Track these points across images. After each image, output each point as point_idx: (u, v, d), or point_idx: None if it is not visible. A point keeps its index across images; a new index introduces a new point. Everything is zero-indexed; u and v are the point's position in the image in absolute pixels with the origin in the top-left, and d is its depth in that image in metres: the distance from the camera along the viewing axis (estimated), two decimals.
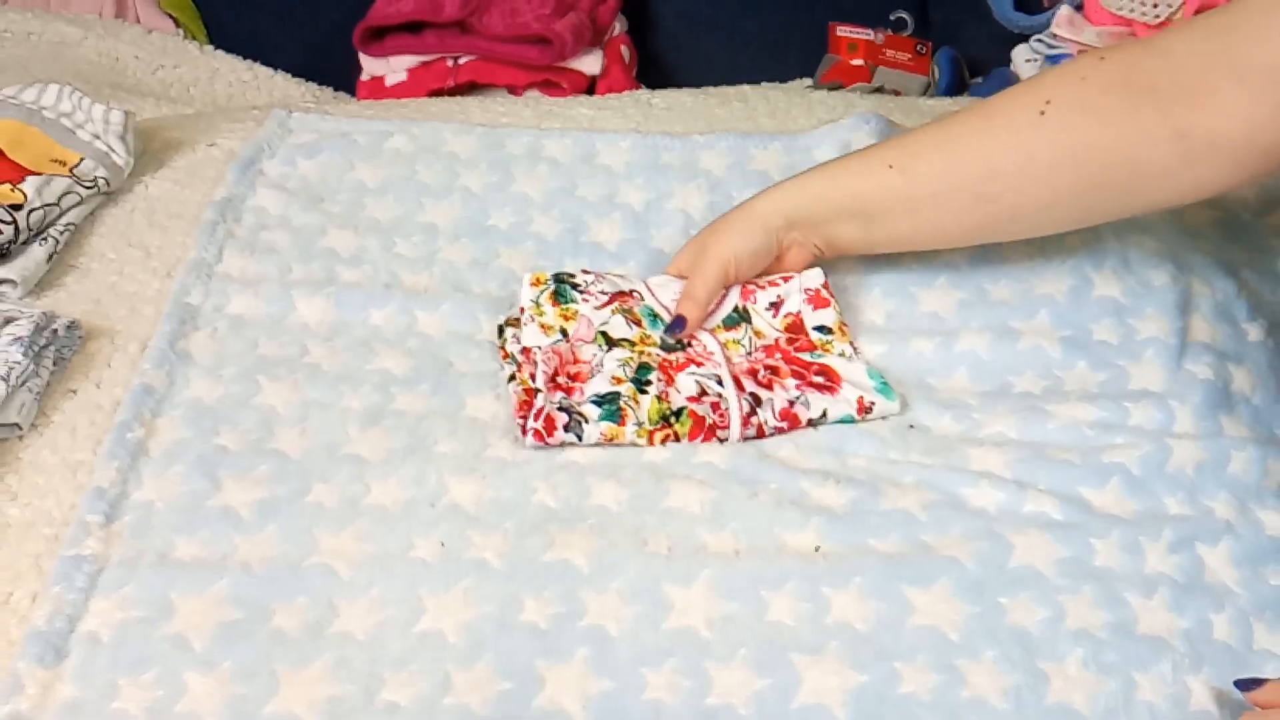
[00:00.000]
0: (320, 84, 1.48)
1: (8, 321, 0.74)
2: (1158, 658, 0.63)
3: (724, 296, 0.81)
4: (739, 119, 1.01)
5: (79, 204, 0.87)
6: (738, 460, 0.72)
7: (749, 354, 0.78)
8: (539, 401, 0.73)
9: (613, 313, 0.78)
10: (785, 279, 0.81)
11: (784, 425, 0.74)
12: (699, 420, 0.73)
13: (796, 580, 0.65)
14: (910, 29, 1.49)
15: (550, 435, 0.72)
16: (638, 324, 0.78)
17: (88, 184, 0.88)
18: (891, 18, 1.50)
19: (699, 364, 0.76)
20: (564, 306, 0.78)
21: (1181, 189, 0.70)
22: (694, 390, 0.74)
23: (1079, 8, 1.33)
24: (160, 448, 0.72)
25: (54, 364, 0.75)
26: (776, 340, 0.79)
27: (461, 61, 1.39)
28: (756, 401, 0.74)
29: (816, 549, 0.67)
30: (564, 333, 0.77)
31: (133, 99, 1.17)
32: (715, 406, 0.74)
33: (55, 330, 0.76)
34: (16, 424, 0.71)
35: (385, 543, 0.67)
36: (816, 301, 0.80)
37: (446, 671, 0.62)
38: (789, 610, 0.64)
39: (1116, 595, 0.66)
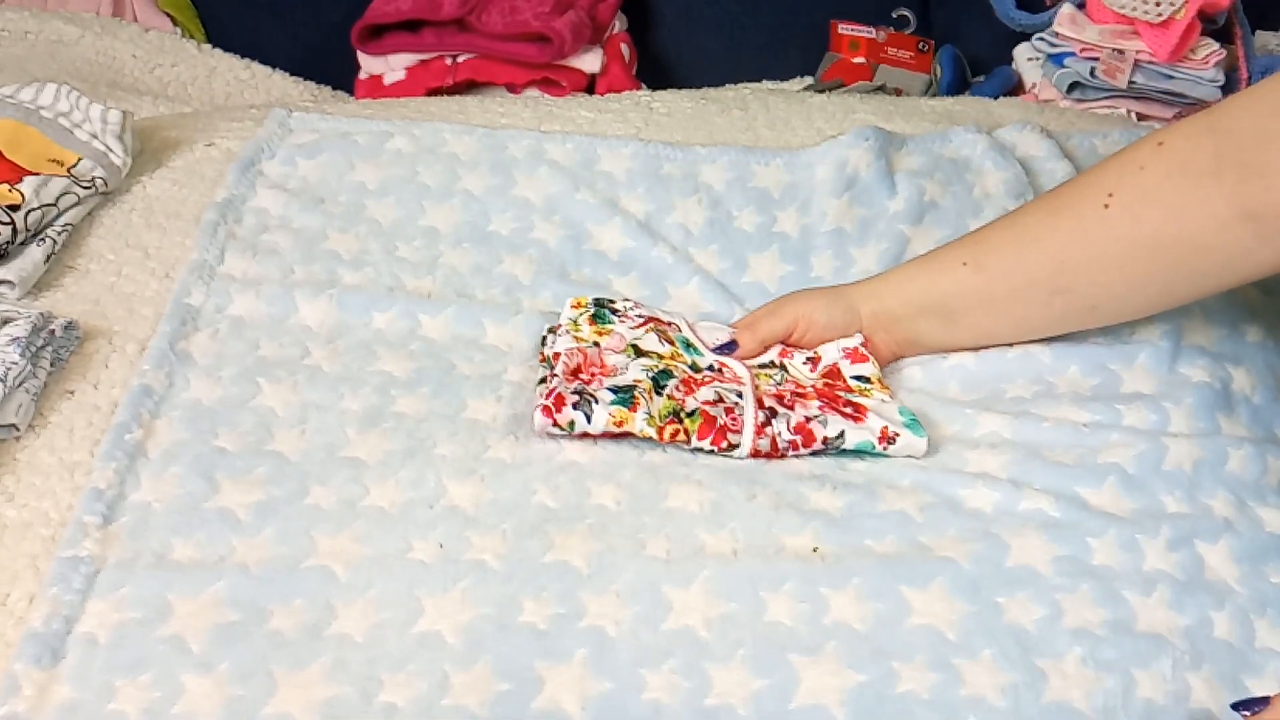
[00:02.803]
0: (319, 83, 1.48)
1: (5, 322, 0.74)
2: (1157, 655, 0.63)
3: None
4: (738, 128, 1.02)
5: (77, 204, 0.87)
6: (736, 462, 0.72)
7: (777, 385, 0.77)
8: (553, 383, 0.73)
9: (647, 331, 0.78)
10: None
11: (797, 439, 0.72)
12: (710, 419, 0.72)
13: (795, 581, 0.65)
14: (912, 27, 1.49)
15: (559, 411, 0.71)
16: (670, 343, 0.78)
17: (85, 184, 0.88)
18: (893, 16, 1.49)
19: (723, 382, 0.76)
20: (600, 326, 0.79)
21: (1262, 263, 0.67)
22: (711, 397, 0.74)
23: (1081, 6, 1.33)
24: (158, 449, 0.72)
25: (51, 365, 0.75)
26: (812, 385, 0.77)
27: (460, 60, 1.39)
28: (773, 414, 0.73)
29: (814, 550, 0.67)
30: (596, 345, 0.77)
31: (130, 98, 1.17)
32: (729, 411, 0.73)
33: (53, 331, 0.76)
34: (14, 425, 0.71)
35: (383, 544, 0.67)
36: (855, 357, 0.79)
37: (445, 673, 0.62)
38: (787, 611, 0.64)
39: (1115, 593, 0.66)
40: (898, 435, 0.72)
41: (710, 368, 0.77)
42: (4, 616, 0.63)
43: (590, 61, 1.38)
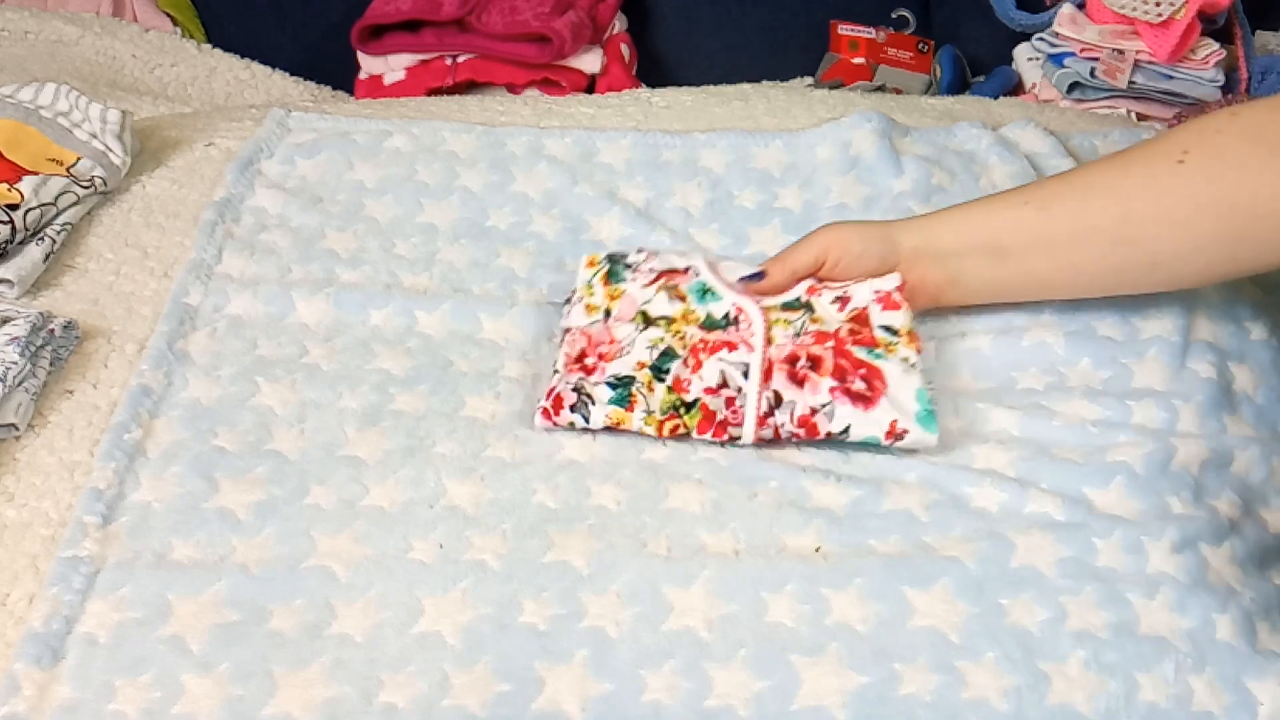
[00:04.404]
0: (318, 83, 1.48)
1: (4, 321, 0.74)
2: (1160, 658, 0.63)
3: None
4: (739, 118, 1.01)
5: (76, 203, 0.87)
6: (738, 458, 0.72)
7: (797, 335, 0.74)
8: (553, 381, 0.74)
9: (657, 290, 0.77)
10: (857, 282, 0.77)
11: (800, 433, 0.71)
12: (709, 414, 0.71)
13: (796, 581, 0.65)
14: (912, 27, 1.49)
15: (557, 414, 0.72)
16: (681, 299, 0.76)
17: (85, 183, 0.88)
18: (893, 16, 1.49)
19: (733, 347, 0.73)
20: (613, 286, 0.78)
21: None
22: (715, 380, 0.72)
23: (1081, 6, 1.33)
24: (158, 449, 0.72)
25: (51, 364, 0.75)
26: (836, 330, 0.74)
27: (460, 60, 1.39)
28: (777, 401, 0.71)
29: (817, 549, 0.67)
30: (608, 313, 0.77)
31: (130, 98, 1.17)
32: (730, 402, 0.71)
33: (52, 330, 0.75)
34: (13, 424, 0.71)
35: (383, 544, 0.67)
36: (887, 303, 0.75)
37: (445, 673, 0.61)
38: (789, 611, 0.64)
39: (1118, 595, 0.65)
40: (906, 432, 0.70)
41: (725, 318, 0.75)
42: (4, 616, 0.63)
43: (590, 62, 1.38)
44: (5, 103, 0.90)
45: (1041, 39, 1.35)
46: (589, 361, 0.74)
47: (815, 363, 0.72)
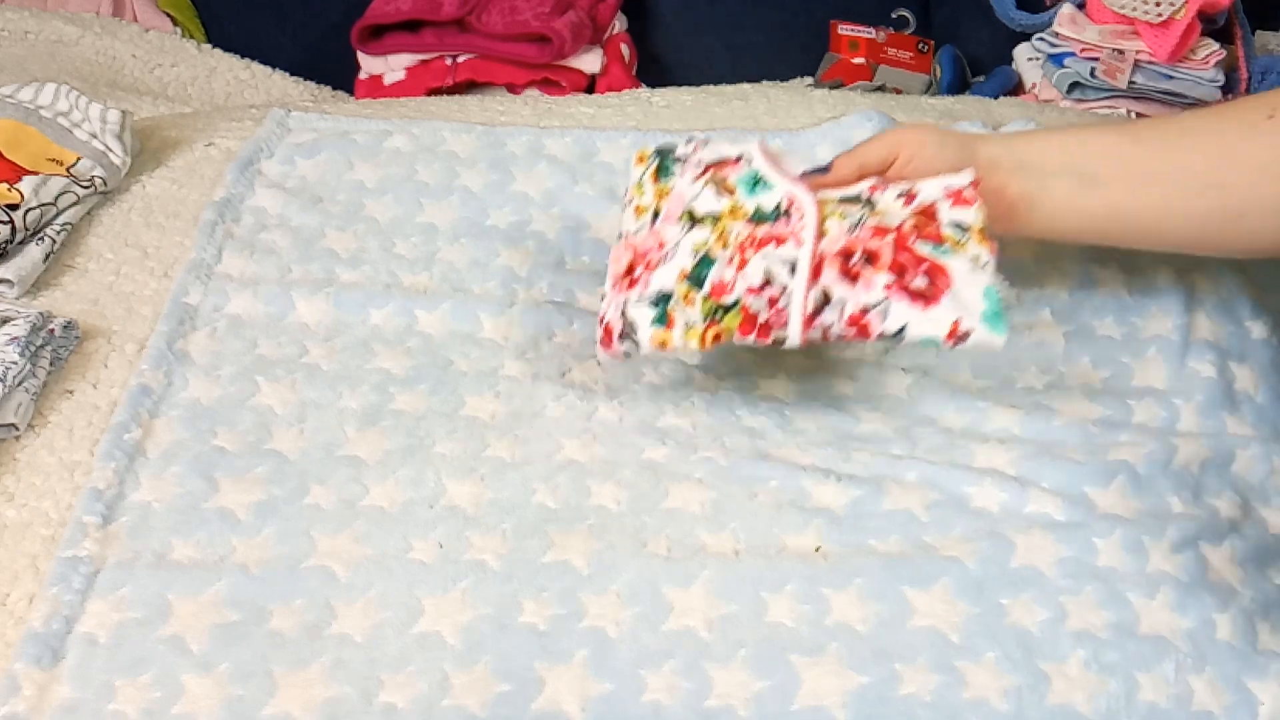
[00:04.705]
0: (318, 83, 1.47)
1: (4, 321, 0.74)
2: (1160, 658, 0.63)
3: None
4: (739, 117, 1.01)
5: (76, 203, 0.87)
6: (738, 458, 0.72)
7: (853, 229, 0.67)
8: (603, 307, 0.72)
9: (705, 184, 0.71)
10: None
11: (850, 333, 0.65)
12: (750, 316, 0.65)
13: (796, 581, 0.65)
14: (912, 27, 1.49)
15: (609, 347, 0.70)
16: (729, 192, 0.71)
17: (85, 183, 0.88)
18: (893, 16, 1.49)
19: (780, 241, 0.67)
20: (662, 183, 0.74)
21: None
22: (759, 278, 0.66)
23: (1081, 6, 1.33)
24: (158, 449, 0.72)
25: (50, 364, 0.75)
26: (900, 225, 0.67)
27: (460, 60, 1.39)
28: (825, 300, 0.65)
29: (817, 549, 0.67)
30: (656, 214, 0.73)
31: (130, 98, 1.17)
32: (773, 302, 0.65)
33: (52, 330, 0.75)
34: (13, 424, 0.71)
35: (383, 544, 0.67)
36: (958, 199, 0.68)
37: (445, 673, 0.61)
38: (789, 611, 0.64)
39: (1119, 595, 0.65)
40: (969, 333, 0.63)
41: (776, 209, 0.69)
42: (4, 616, 0.63)
43: (590, 62, 1.38)
44: (5, 103, 0.90)
45: (1041, 39, 1.35)
46: (637, 273, 0.70)
47: (871, 257, 0.65)
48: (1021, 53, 1.40)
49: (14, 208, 0.82)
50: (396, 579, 0.65)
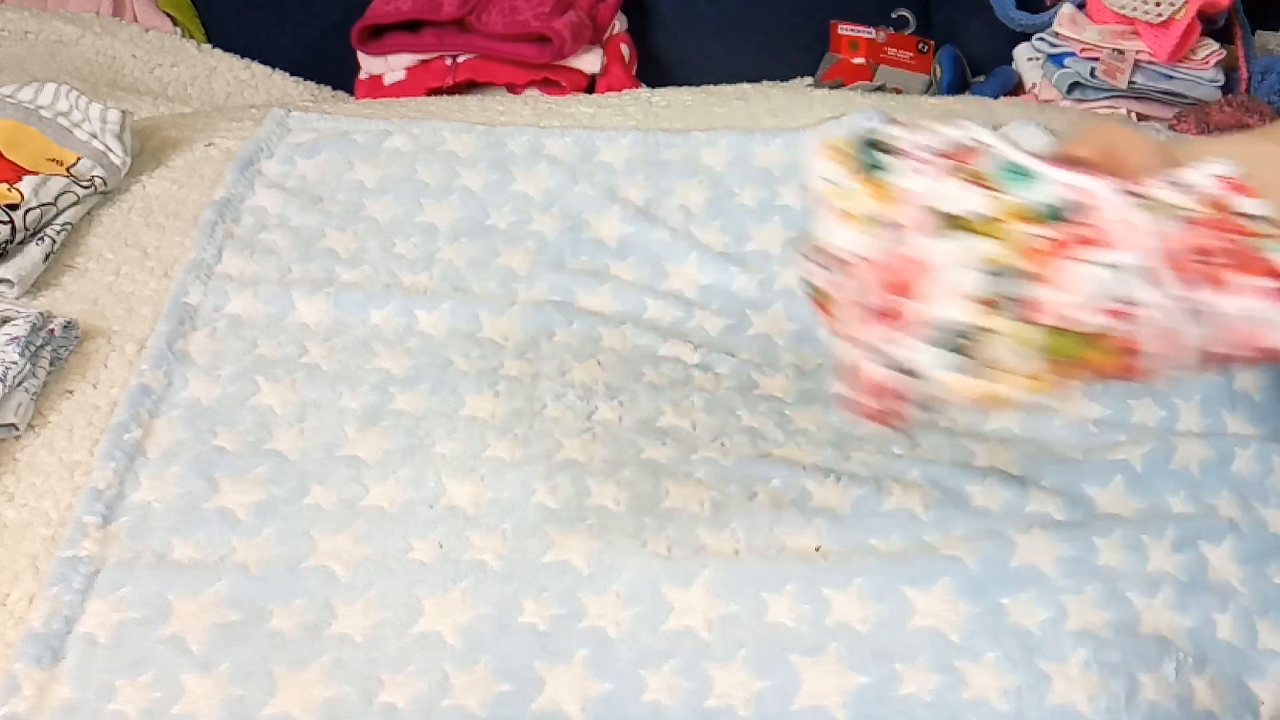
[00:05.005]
0: (319, 83, 1.48)
1: (4, 321, 0.74)
2: (1161, 657, 0.63)
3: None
4: (739, 117, 1.01)
5: (76, 203, 0.87)
6: (738, 458, 0.72)
7: (1170, 222, 0.50)
8: (844, 353, 0.53)
9: (949, 176, 0.52)
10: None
11: (1234, 352, 0.50)
12: (1128, 347, 0.49)
13: (797, 581, 0.65)
14: (912, 27, 1.49)
15: (870, 410, 0.53)
16: (989, 189, 0.51)
17: (85, 183, 0.88)
18: (893, 16, 1.49)
19: (1091, 243, 0.49)
20: (878, 181, 0.52)
21: None
22: (1095, 292, 0.48)
23: (1081, 6, 1.33)
24: (157, 449, 0.72)
25: (50, 364, 0.75)
26: (1218, 218, 0.51)
27: (460, 60, 1.39)
28: (1192, 311, 0.50)
29: (817, 549, 0.67)
30: (884, 223, 0.52)
31: (130, 98, 1.17)
32: (1121, 316, 0.49)
33: (52, 330, 0.75)
34: (13, 424, 0.71)
35: (383, 544, 0.67)
36: (1237, 187, 0.53)
37: (445, 673, 0.61)
38: (789, 611, 0.64)
39: (1119, 595, 0.65)
40: None
41: (1053, 208, 0.50)
42: (4, 616, 0.63)
43: (590, 62, 1.38)
44: (5, 103, 0.90)
45: (1041, 39, 1.35)
46: (893, 305, 0.51)
47: (1206, 257, 0.51)
48: (1021, 53, 1.40)
49: (14, 208, 0.82)
50: (396, 579, 0.65)
